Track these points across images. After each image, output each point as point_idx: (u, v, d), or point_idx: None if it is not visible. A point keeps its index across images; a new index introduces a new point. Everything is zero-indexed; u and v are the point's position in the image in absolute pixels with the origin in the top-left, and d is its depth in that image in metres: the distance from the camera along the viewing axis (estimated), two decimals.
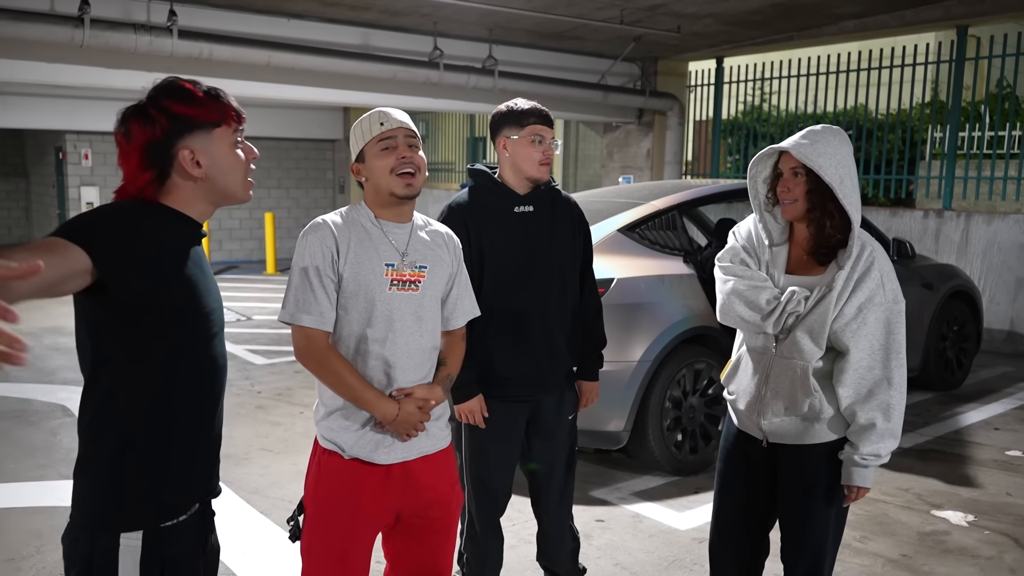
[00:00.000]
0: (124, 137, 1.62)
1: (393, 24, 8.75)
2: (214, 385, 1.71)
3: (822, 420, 2.25)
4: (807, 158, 2.13)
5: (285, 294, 2.06)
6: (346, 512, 2.06)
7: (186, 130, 1.62)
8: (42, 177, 15.63)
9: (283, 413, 5.68)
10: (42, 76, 7.00)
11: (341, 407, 2.09)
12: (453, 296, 2.21)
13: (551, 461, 2.85)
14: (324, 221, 2.06)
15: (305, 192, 15.83)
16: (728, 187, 5.11)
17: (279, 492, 4.23)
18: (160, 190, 1.63)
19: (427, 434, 2.13)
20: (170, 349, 1.60)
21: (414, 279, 2.06)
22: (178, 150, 1.61)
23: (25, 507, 4.02)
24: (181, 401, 1.64)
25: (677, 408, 4.40)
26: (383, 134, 2.04)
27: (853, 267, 2.17)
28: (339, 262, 2.01)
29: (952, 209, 8.40)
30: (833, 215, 2.18)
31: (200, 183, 1.64)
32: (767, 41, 9.74)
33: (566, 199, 2.83)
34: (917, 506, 4.05)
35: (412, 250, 2.08)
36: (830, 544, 2.34)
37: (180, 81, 1.66)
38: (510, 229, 2.67)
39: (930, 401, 5.98)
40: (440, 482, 2.17)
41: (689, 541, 3.67)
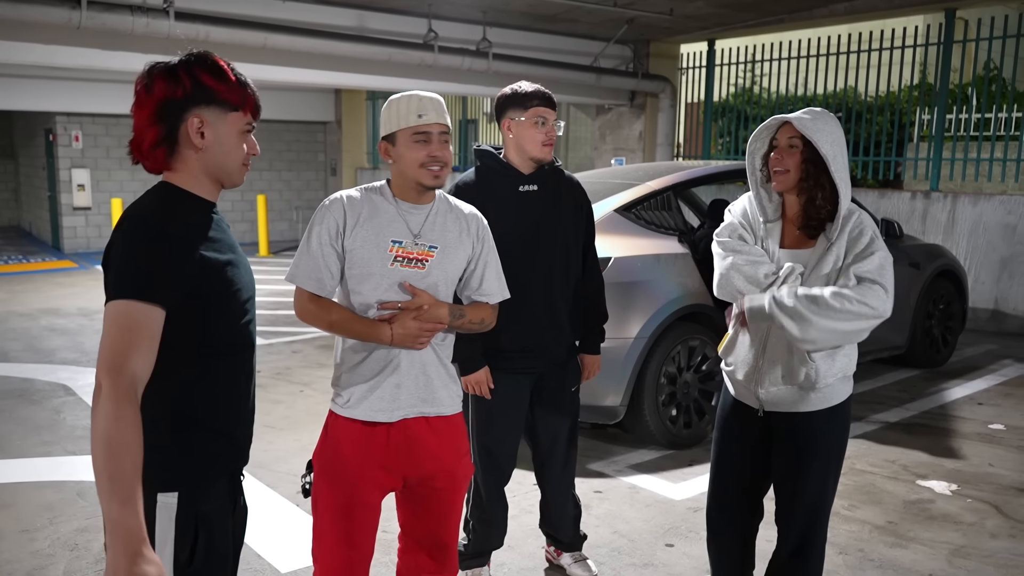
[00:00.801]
0: (144, 89, 1.67)
1: (388, 6, 8.77)
2: (248, 356, 1.81)
3: (818, 389, 2.36)
4: (806, 129, 2.25)
5: (294, 258, 2.19)
6: (349, 470, 2.16)
7: (204, 101, 1.67)
8: (31, 159, 15.56)
9: (283, 392, 5.77)
10: (38, 58, 7.00)
11: (343, 373, 2.20)
12: (477, 275, 2.26)
13: (555, 431, 2.98)
14: (339, 196, 2.16)
15: (297, 174, 15.83)
16: (720, 168, 5.20)
17: (284, 466, 4.33)
18: (169, 160, 1.69)
19: (430, 397, 2.19)
20: (209, 327, 1.69)
21: (421, 257, 2.14)
22: (190, 115, 1.66)
23: (34, 482, 4.11)
24: (218, 372, 1.73)
25: (672, 384, 4.52)
26: (420, 127, 2.11)
27: (842, 232, 2.29)
28: (344, 235, 2.11)
29: (939, 190, 8.54)
30: (824, 187, 2.31)
31: (200, 154, 1.70)
32: (759, 24, 9.82)
33: (569, 179, 2.94)
34: (903, 476, 4.20)
35: (427, 231, 2.17)
36: (824, 509, 2.47)
37: (215, 57, 1.72)
38: (516, 208, 2.79)
39: (916, 378, 6.14)
40: (444, 451, 2.23)
41: (684, 511, 3.80)
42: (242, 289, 1.76)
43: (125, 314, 1.54)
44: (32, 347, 7.01)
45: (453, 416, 2.27)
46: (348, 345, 2.20)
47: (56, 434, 4.81)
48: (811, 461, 2.41)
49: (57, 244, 13.94)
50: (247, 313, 1.79)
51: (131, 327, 1.53)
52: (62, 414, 5.17)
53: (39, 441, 4.69)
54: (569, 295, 2.90)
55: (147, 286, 1.56)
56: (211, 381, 1.72)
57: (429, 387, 2.19)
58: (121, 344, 1.52)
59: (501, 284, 2.33)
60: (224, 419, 1.77)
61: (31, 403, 5.41)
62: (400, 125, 2.11)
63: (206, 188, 1.75)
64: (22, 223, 17.28)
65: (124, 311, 1.54)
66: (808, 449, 2.41)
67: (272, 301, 9.21)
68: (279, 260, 12.83)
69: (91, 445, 1.47)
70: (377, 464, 2.17)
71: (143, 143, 1.69)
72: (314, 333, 7.61)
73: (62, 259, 12.85)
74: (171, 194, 1.71)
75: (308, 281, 2.12)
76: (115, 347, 1.51)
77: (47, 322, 8.04)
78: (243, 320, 1.77)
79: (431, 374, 2.20)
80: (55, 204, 13.79)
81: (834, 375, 2.37)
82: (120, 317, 1.53)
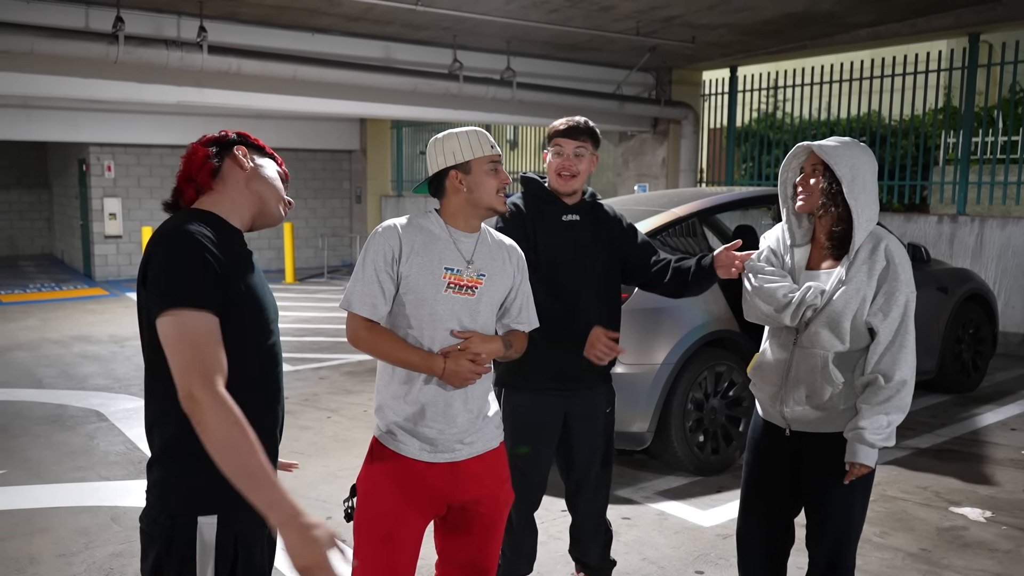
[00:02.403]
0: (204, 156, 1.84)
1: (414, 37, 8.94)
2: (275, 374, 1.86)
3: (843, 409, 2.38)
4: (826, 154, 2.34)
5: (348, 285, 2.25)
6: (394, 498, 2.19)
7: (245, 144, 1.89)
8: (65, 189, 15.90)
9: (311, 418, 5.82)
10: (77, 91, 7.21)
11: (389, 401, 2.23)
12: (517, 304, 2.35)
13: (588, 454, 2.99)
14: (393, 224, 2.23)
15: (322, 202, 16.02)
16: (745, 195, 5.22)
17: (313, 492, 4.37)
18: (212, 181, 1.81)
19: (475, 439, 2.25)
20: (238, 348, 1.73)
21: (472, 284, 2.21)
22: (234, 147, 1.84)
23: (70, 507, 4.18)
24: (249, 392, 1.76)
25: (699, 409, 4.52)
26: (493, 156, 2.24)
27: (871, 260, 2.33)
28: (400, 262, 2.18)
29: (966, 214, 8.48)
30: (845, 208, 2.35)
31: (244, 184, 1.83)
32: (780, 50, 9.87)
33: (608, 210, 3.01)
34: (935, 503, 4.15)
35: (478, 258, 2.24)
36: (852, 532, 2.46)
37: None
38: (560, 235, 2.87)
39: (947, 403, 6.07)
40: (488, 477, 2.28)
41: (713, 537, 3.78)
42: (268, 308, 1.83)
43: (190, 325, 1.60)
44: (65, 373, 7.13)
45: (497, 447, 2.33)
46: (397, 376, 2.24)
47: (90, 459, 4.89)
48: (837, 483, 2.41)
49: (89, 272, 14.19)
50: (272, 333, 1.85)
51: (202, 336, 1.60)
52: (95, 440, 5.25)
53: (73, 466, 4.77)
54: (605, 323, 2.90)
55: (201, 294, 1.62)
56: (242, 401, 1.74)
57: (474, 429, 2.25)
58: (201, 353, 1.58)
59: (534, 313, 2.42)
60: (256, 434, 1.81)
61: (65, 429, 5.51)
62: (476, 154, 2.21)
63: (239, 218, 1.85)
64: (55, 251, 17.62)
65: (189, 322, 1.60)
66: (834, 470, 2.41)
67: (299, 328, 9.31)
68: (305, 287, 12.96)
69: (215, 456, 1.54)
70: (422, 491, 2.21)
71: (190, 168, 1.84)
72: (341, 359, 7.67)
73: (94, 287, 13.07)
74: (203, 217, 1.78)
75: (363, 307, 2.17)
76: (198, 358, 1.57)
77: (79, 349, 8.18)
78: (270, 340, 1.83)
79: (477, 416, 2.26)
80: (87, 232, 14.06)
81: (859, 396, 2.38)
82: (188, 330, 1.59)
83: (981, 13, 8.13)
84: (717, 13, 8.14)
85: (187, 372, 1.57)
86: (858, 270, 2.33)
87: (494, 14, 7.93)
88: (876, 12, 8.26)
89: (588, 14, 8.15)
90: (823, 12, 8.17)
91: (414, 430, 2.20)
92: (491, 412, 2.32)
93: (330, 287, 12.93)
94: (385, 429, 2.24)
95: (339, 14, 7.90)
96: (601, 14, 8.16)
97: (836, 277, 2.36)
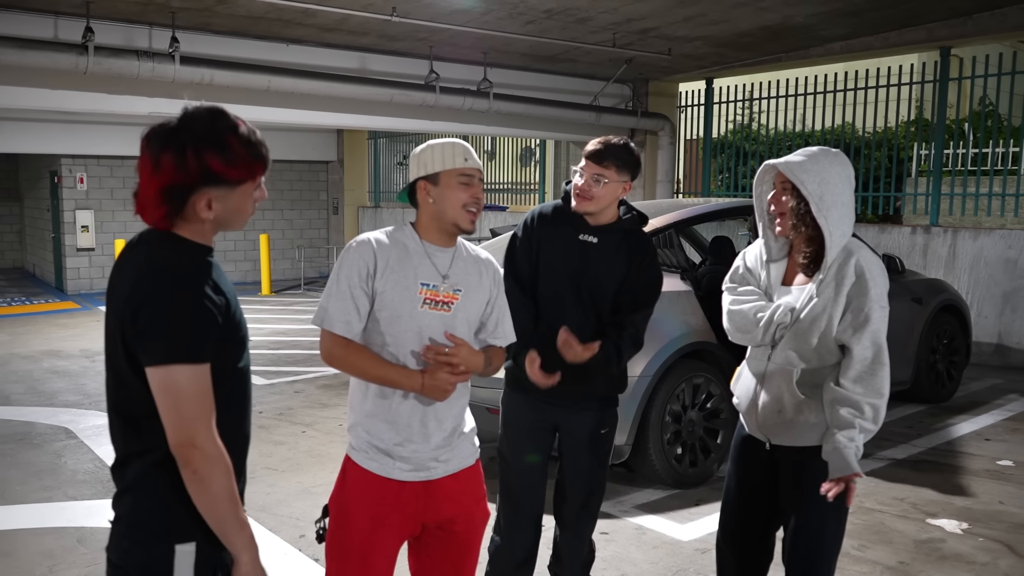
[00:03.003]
0: (153, 162, 1.64)
1: (390, 48, 8.90)
2: (246, 392, 1.80)
3: (812, 423, 2.36)
4: (790, 172, 2.29)
5: (321, 300, 2.18)
6: (367, 519, 2.14)
7: (212, 183, 1.64)
8: (36, 201, 15.65)
9: (285, 432, 5.73)
10: (45, 102, 7.10)
11: (363, 419, 2.18)
12: (494, 319, 2.31)
13: (576, 469, 2.94)
14: (367, 238, 2.17)
15: (299, 213, 15.90)
16: (722, 206, 5.23)
17: (286, 510, 4.29)
18: (173, 223, 1.68)
19: (451, 456, 2.20)
20: (217, 374, 1.67)
21: (448, 300, 2.17)
22: (197, 195, 1.64)
23: (34, 528, 4.07)
24: (225, 420, 1.70)
25: (677, 422, 4.49)
26: (466, 170, 2.18)
27: (839, 276, 2.29)
28: (375, 277, 2.12)
29: (939, 225, 8.57)
30: (819, 229, 2.31)
31: (206, 223, 1.70)
32: (756, 62, 9.95)
33: (641, 240, 2.87)
34: (913, 515, 4.15)
35: (454, 273, 2.20)
36: (827, 548, 2.43)
37: (230, 135, 1.65)
38: (571, 252, 2.82)
39: (922, 413, 6.10)
40: (464, 496, 2.23)
41: (692, 552, 3.75)
42: (244, 333, 1.77)
43: (187, 381, 1.58)
44: (34, 390, 6.98)
45: (474, 464, 2.29)
46: (371, 393, 2.18)
47: (57, 479, 4.77)
48: (810, 496, 2.37)
49: (60, 285, 13.96)
50: (245, 352, 1.79)
51: (203, 387, 1.59)
52: (63, 458, 5.13)
53: (40, 486, 4.65)
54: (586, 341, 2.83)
55: (198, 347, 1.59)
56: (220, 428, 1.70)
57: (449, 446, 2.20)
58: (197, 412, 1.58)
59: (511, 329, 2.37)
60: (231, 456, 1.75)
61: (32, 447, 5.38)
62: (446, 166, 2.16)
63: (206, 237, 1.74)
64: (26, 264, 17.33)
65: (185, 378, 1.58)
66: (808, 484, 2.37)
67: (275, 340, 9.20)
68: (281, 299, 12.84)
69: (206, 504, 1.60)
70: (395, 510, 2.15)
71: (145, 211, 1.67)
72: (317, 372, 7.58)
73: (65, 300, 12.86)
74: (176, 244, 1.68)
75: (337, 324, 2.11)
76: (199, 409, 1.59)
77: (49, 364, 8.02)
78: (242, 363, 1.77)
79: (452, 433, 2.21)
80: (59, 245, 13.84)
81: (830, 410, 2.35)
82: (184, 385, 1.58)
83: (953, 27, 8.25)
84: (693, 25, 8.19)
85: (189, 423, 1.58)
86: (826, 286, 2.30)
87: (470, 25, 7.92)
88: (850, 26, 8.35)
89: (565, 25, 8.17)
90: (798, 26, 8.25)
91: (388, 448, 2.15)
92: (467, 429, 2.27)
93: (307, 299, 12.81)
94: (358, 447, 2.18)
95: (314, 24, 7.85)
96: (578, 26, 8.18)
97: (807, 294, 2.34)
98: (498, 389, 3.14)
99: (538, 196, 13.72)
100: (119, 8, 6.95)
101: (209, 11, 7.25)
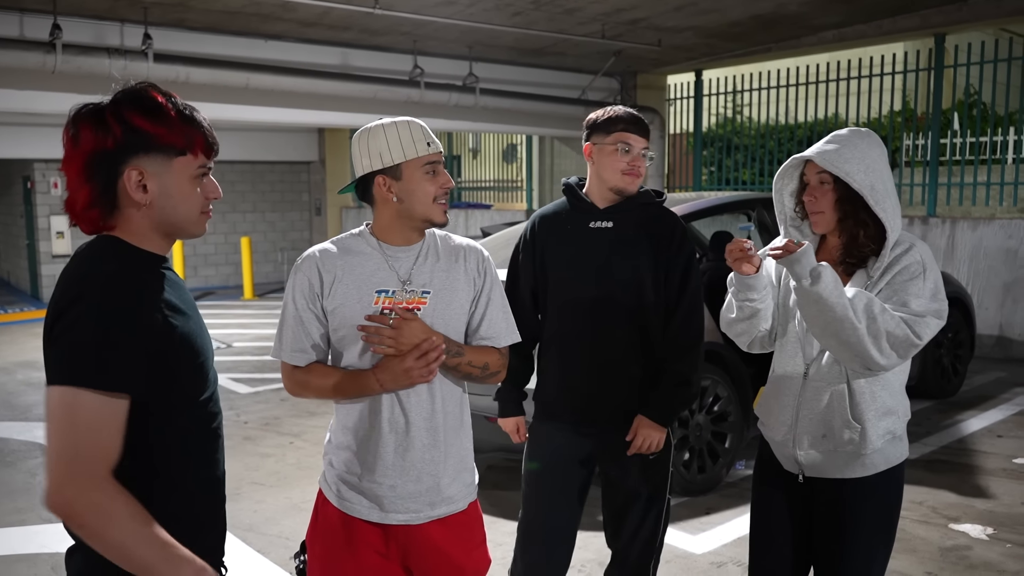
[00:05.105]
0: (71, 140, 1.41)
1: (372, 43, 8.66)
2: (209, 431, 1.55)
3: (863, 455, 2.08)
4: (832, 164, 2.00)
5: (276, 330, 1.96)
6: (346, 562, 1.91)
7: (141, 149, 1.41)
8: (10, 207, 15.27)
9: (272, 444, 5.49)
10: (12, 104, 6.81)
11: (334, 450, 1.95)
12: (478, 315, 1.97)
13: (623, 501, 2.60)
14: (311, 253, 1.91)
15: (281, 215, 15.61)
16: (721, 200, 5.05)
17: (275, 528, 4.05)
18: (108, 220, 1.43)
19: (436, 499, 1.91)
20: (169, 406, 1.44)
21: (412, 306, 1.87)
22: (125, 168, 1.40)
23: (5, 555, 3.81)
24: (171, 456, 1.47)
25: (683, 427, 4.29)
26: (431, 157, 1.87)
27: (889, 269, 2.01)
28: (322, 295, 1.87)
29: (936, 215, 8.43)
30: (867, 224, 2.04)
31: (144, 210, 1.44)
32: (745, 53, 9.78)
33: (662, 216, 2.53)
34: (934, 520, 3.97)
35: (416, 275, 1.90)
36: None
37: (153, 91, 1.44)
38: (581, 245, 2.49)
39: (930, 409, 5.94)
40: (453, 546, 1.94)
41: (707, 566, 3.55)
42: (204, 361, 1.50)
43: (87, 410, 1.29)
44: (8, 403, 6.69)
45: (467, 508, 1.99)
46: (339, 421, 1.94)
47: (31, 499, 4.50)
48: (855, 535, 2.09)
49: (36, 293, 13.60)
50: (209, 386, 1.53)
51: (95, 427, 1.29)
52: (38, 476, 4.86)
53: (12, 508, 4.39)
54: (639, 347, 2.49)
55: (113, 373, 1.31)
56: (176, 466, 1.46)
57: (435, 488, 1.90)
58: (89, 450, 1.29)
59: (509, 325, 2.02)
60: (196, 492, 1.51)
61: (4, 465, 5.10)
62: (408, 155, 1.84)
63: (155, 243, 1.48)
64: (0, 272, 16.93)
65: (85, 406, 1.29)
66: (853, 522, 2.10)
67: (257, 347, 8.94)
68: (264, 303, 12.55)
69: (122, 563, 1.31)
70: (375, 553, 1.91)
71: (76, 204, 1.42)
72: None
73: (41, 308, 12.51)
74: (120, 251, 1.43)
75: (294, 355, 1.89)
76: (81, 455, 1.28)
77: (24, 376, 7.71)
78: (205, 395, 1.51)
79: (436, 471, 1.90)
80: (33, 252, 13.48)
81: (883, 437, 2.07)
82: (81, 414, 1.29)
83: (948, 14, 8.10)
84: (684, 15, 8.00)
85: (74, 462, 1.28)
86: (878, 286, 2.03)
87: (455, 18, 7.69)
88: (843, 13, 8.19)
89: (552, 17, 7.95)
90: (790, 14, 8.08)
91: (359, 486, 1.89)
92: (458, 466, 1.95)
93: None
94: (330, 481, 1.94)
95: (293, 19, 7.59)
96: (566, 17, 7.97)
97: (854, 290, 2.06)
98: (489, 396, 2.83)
99: (524, 193, 13.50)
100: (88, 4, 6.67)
101: (183, 6, 6.97)
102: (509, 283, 2.58)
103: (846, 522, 2.10)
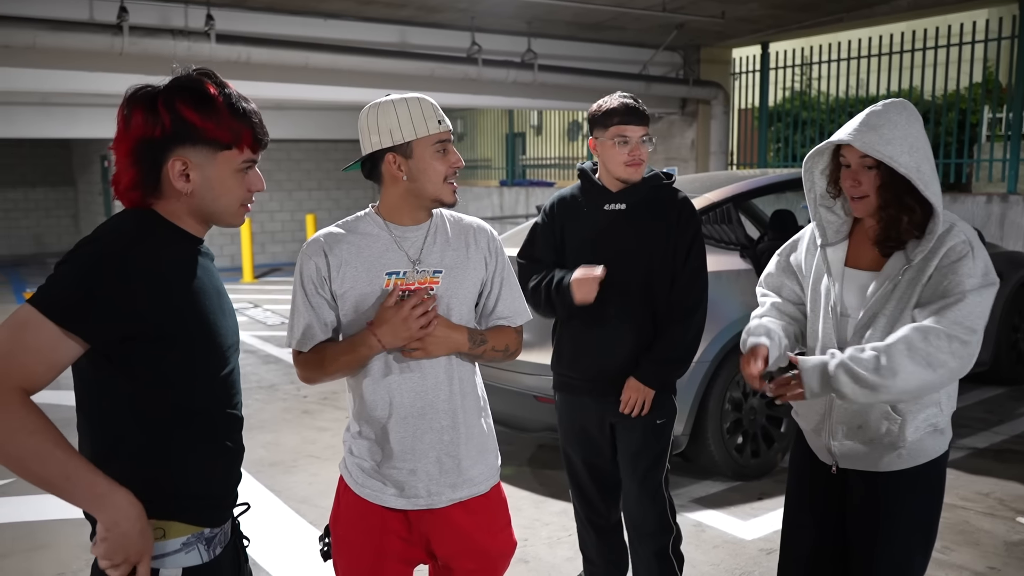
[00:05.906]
0: (124, 121, 1.46)
1: (430, 21, 8.63)
2: (231, 406, 1.58)
3: (900, 447, 1.98)
4: (874, 149, 1.86)
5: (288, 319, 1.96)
6: (368, 547, 1.92)
7: (188, 140, 1.44)
8: (89, 185, 15.90)
9: (329, 418, 5.60)
10: (82, 85, 7.02)
11: (351, 437, 1.95)
12: (493, 297, 1.96)
13: (631, 465, 2.74)
14: (316, 238, 1.89)
15: (346, 192, 15.84)
16: (782, 177, 4.90)
17: (328, 501, 4.09)
18: (149, 200, 1.48)
19: (458, 481, 1.89)
20: (182, 380, 1.48)
21: (425, 286, 1.85)
22: (170, 157, 1.45)
23: (74, 519, 3.97)
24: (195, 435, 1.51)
25: (737, 410, 4.20)
26: (441, 135, 1.84)
27: (933, 254, 1.89)
28: (330, 279, 1.85)
29: (1017, 193, 8.01)
30: (913, 209, 1.91)
31: (185, 198, 1.48)
32: (815, 24, 9.40)
33: (672, 198, 2.67)
34: (1000, 512, 3.80)
35: (427, 254, 1.87)
36: None
37: (207, 83, 1.48)
38: (597, 226, 2.64)
39: (1003, 396, 5.68)
40: (476, 529, 1.93)
41: (756, 552, 3.47)
42: (220, 335, 1.52)
43: (31, 327, 1.32)
44: None
45: (489, 491, 1.97)
46: (354, 406, 1.93)
47: None
48: (891, 533, 2.00)
49: None
50: (228, 363, 1.55)
51: (30, 347, 1.32)
52: None
53: None
54: (651, 323, 2.65)
55: (73, 311, 1.34)
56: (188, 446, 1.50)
57: (456, 470, 1.89)
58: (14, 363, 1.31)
59: (523, 304, 2.02)
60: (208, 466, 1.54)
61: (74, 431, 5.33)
62: (419, 133, 1.81)
63: (192, 226, 1.53)
64: None
65: (31, 324, 1.32)
66: (889, 517, 2.01)
67: None
68: None
69: (23, 475, 1.32)
70: (397, 538, 1.91)
71: (120, 183, 1.48)
72: None
73: None
74: (148, 220, 1.48)
75: (307, 343, 1.87)
76: (7, 361, 1.31)
77: None
78: (223, 371, 1.54)
79: (457, 452, 1.89)
80: None
81: (922, 428, 1.96)
82: (23, 328, 1.33)
83: None
84: None
85: None
86: (918, 271, 1.91)
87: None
88: None
89: None
90: None
91: (377, 471, 1.88)
92: (479, 447, 1.93)
93: None
94: (350, 468, 1.93)
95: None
96: None
97: (886, 277, 1.95)
98: (546, 376, 2.94)
99: None
100: None
101: None
102: (526, 248, 2.79)
103: (881, 518, 2.02)
